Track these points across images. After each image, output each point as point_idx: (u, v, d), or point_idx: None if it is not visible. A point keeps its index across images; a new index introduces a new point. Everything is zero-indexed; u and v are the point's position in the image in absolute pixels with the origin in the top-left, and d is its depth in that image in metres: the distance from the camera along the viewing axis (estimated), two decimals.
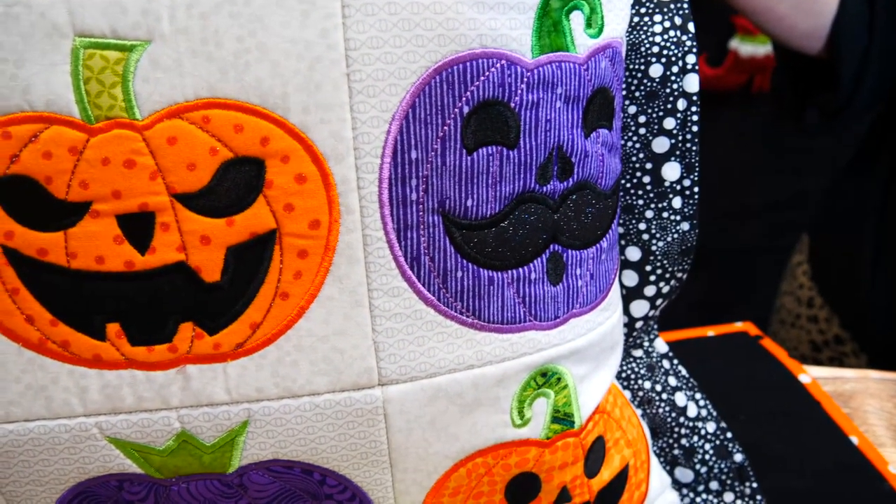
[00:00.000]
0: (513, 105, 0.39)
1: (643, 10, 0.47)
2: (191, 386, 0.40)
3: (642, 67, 0.47)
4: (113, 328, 0.39)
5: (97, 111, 0.36)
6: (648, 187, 0.49)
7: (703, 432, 0.54)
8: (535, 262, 0.42)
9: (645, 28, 0.47)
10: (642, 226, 0.50)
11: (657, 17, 0.47)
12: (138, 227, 0.38)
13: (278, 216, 0.38)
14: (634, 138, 0.49)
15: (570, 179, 0.42)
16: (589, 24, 0.41)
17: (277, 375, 0.40)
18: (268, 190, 0.38)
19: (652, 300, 0.51)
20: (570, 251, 0.43)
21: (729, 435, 0.54)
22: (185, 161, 0.37)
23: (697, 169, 0.47)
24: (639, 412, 0.54)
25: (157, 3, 0.35)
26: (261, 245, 0.38)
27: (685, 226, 0.50)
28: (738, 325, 0.75)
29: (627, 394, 0.54)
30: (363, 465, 0.43)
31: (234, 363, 0.40)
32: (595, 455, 0.48)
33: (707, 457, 0.54)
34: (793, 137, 1.68)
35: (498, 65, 0.39)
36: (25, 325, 0.39)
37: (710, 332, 0.74)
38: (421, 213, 0.39)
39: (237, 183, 0.37)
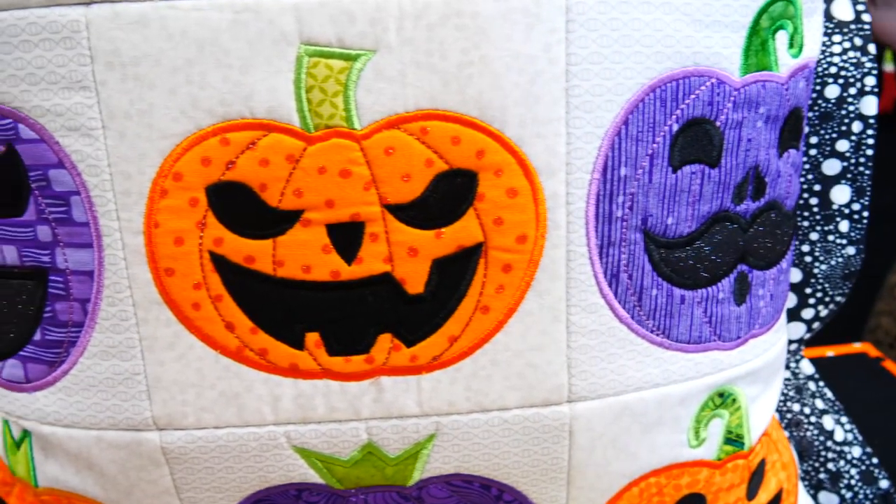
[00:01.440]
0: (718, 124, 0.39)
1: (822, 30, 0.47)
2: (383, 397, 0.40)
3: (818, 88, 0.47)
4: (312, 338, 0.39)
5: (317, 120, 0.36)
6: (815, 209, 0.49)
7: (849, 457, 0.54)
8: (724, 281, 0.42)
9: (823, 48, 0.47)
10: (805, 248, 0.50)
11: (836, 38, 0.47)
12: (347, 237, 0.37)
13: (487, 229, 0.38)
14: (804, 159, 0.49)
15: (762, 199, 0.42)
16: (791, 44, 0.41)
17: (470, 389, 0.40)
18: (479, 203, 0.37)
19: (809, 323, 0.51)
20: (755, 271, 0.43)
21: (875, 461, 0.54)
22: (401, 172, 0.37)
23: (868, 193, 0.47)
24: (786, 434, 0.54)
25: (385, 14, 0.35)
26: (466, 258, 0.38)
27: (850, 250, 0.49)
28: (857, 346, 0.74)
29: (776, 416, 0.54)
30: (541, 482, 0.42)
31: (428, 376, 0.40)
32: (757, 477, 0.48)
33: (853, 482, 0.54)
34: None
35: (708, 83, 0.38)
36: (225, 333, 0.39)
37: (830, 352, 0.73)
38: (624, 231, 0.39)
39: (449, 195, 0.37)
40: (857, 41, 0.46)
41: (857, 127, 0.47)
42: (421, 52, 0.36)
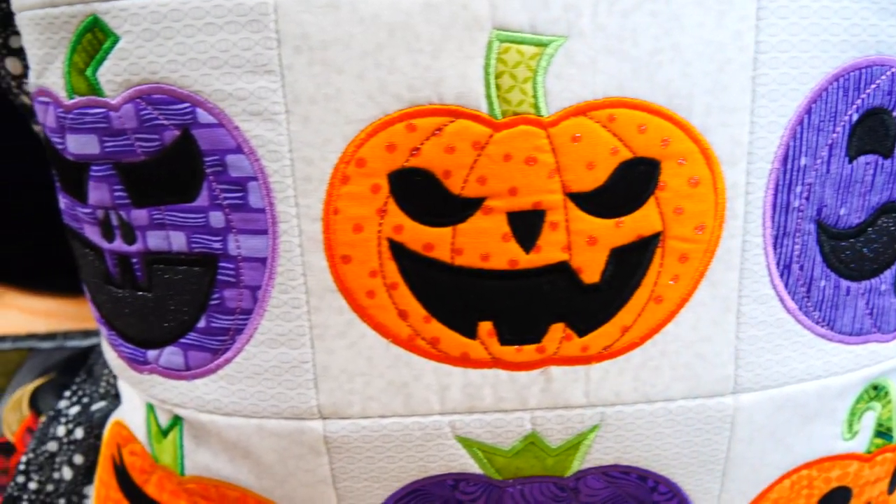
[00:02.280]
0: (895, 114, 0.39)
1: None
2: (551, 388, 0.40)
3: None
4: (485, 327, 0.38)
5: (505, 106, 0.36)
6: None
7: None
8: (886, 272, 0.42)
9: None
10: None
11: None
12: (527, 226, 0.37)
13: (666, 219, 0.37)
14: None
15: None
16: None
17: (638, 380, 0.40)
18: (660, 192, 0.37)
19: None
20: None
21: None
22: (586, 160, 0.36)
23: None
24: None
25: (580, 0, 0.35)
26: (644, 247, 0.38)
27: None
28: None
29: None
30: (698, 474, 0.42)
31: (597, 366, 0.39)
32: None
33: None
34: None
35: (888, 72, 0.38)
36: (398, 321, 0.38)
37: None
38: (799, 221, 0.39)
39: (631, 184, 0.37)
40: None
41: None
42: (613, 39, 0.35)
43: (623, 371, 0.39)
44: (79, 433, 0.54)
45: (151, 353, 0.42)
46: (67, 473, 0.54)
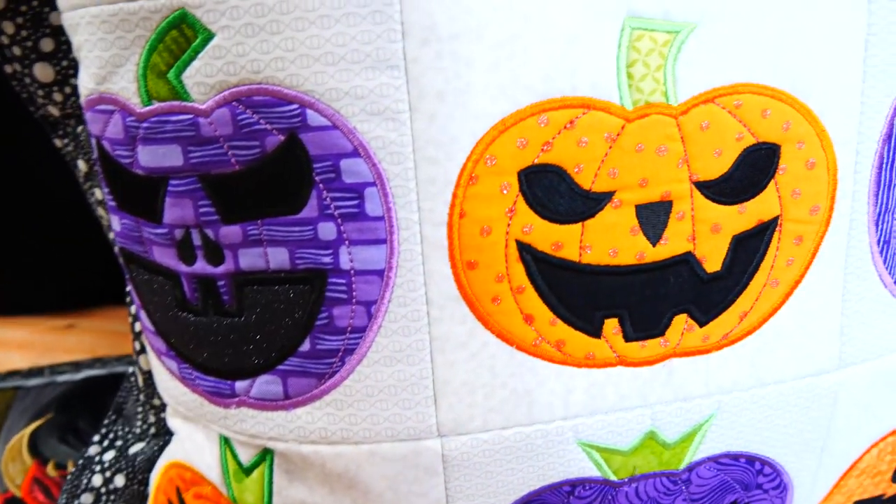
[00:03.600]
0: None
1: None
2: (672, 381, 0.39)
3: None
4: (611, 325, 0.37)
5: (637, 95, 0.34)
6: None
7: None
8: None
9: None
10: None
11: None
12: (654, 218, 0.36)
13: (784, 202, 0.37)
14: None
15: None
16: None
17: (754, 365, 0.39)
18: (779, 176, 0.37)
19: None
20: None
21: None
22: (713, 147, 0.36)
23: None
24: None
25: None
26: (762, 232, 0.38)
27: None
28: None
29: None
30: (800, 452, 0.43)
31: (716, 354, 0.39)
32: None
33: None
34: None
35: None
36: (523, 326, 0.36)
37: None
38: None
39: (754, 169, 0.36)
40: None
41: None
42: (742, 24, 0.35)
43: (740, 357, 0.39)
44: (119, 481, 0.48)
45: (241, 385, 0.38)
46: None
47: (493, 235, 0.35)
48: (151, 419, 0.49)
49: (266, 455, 0.40)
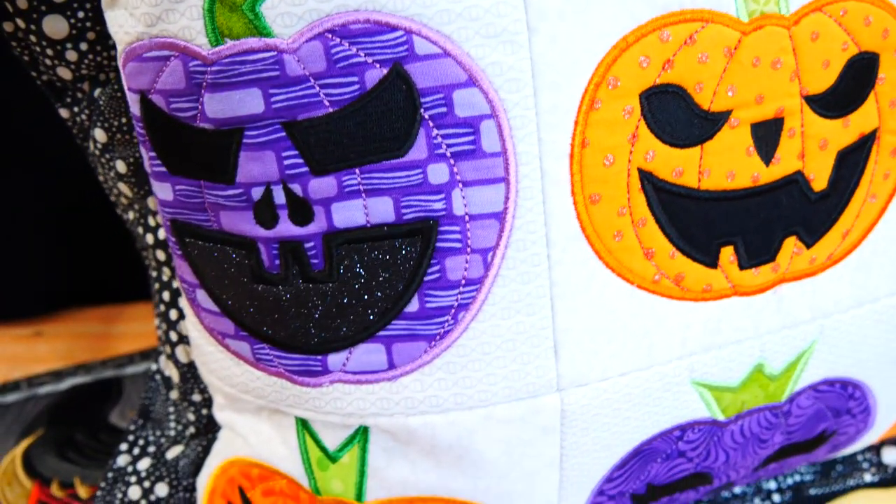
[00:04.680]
0: None
1: None
2: (782, 308, 0.37)
3: None
4: (726, 253, 0.35)
5: (753, 6, 0.32)
6: None
7: None
8: None
9: None
10: None
11: None
12: (768, 136, 0.34)
13: (882, 113, 0.36)
14: None
15: None
16: None
17: (853, 284, 0.38)
18: (878, 86, 0.36)
19: None
20: None
21: None
22: (822, 59, 0.34)
23: None
24: None
25: None
26: (863, 146, 0.36)
27: None
28: None
29: None
30: (887, 370, 0.42)
31: (821, 276, 0.38)
32: None
33: None
34: None
35: None
36: (644, 262, 0.34)
37: None
38: None
39: (856, 80, 0.35)
40: None
41: None
42: None
43: (841, 277, 0.38)
44: (161, 490, 0.43)
45: (335, 359, 0.34)
46: None
47: (616, 165, 0.32)
48: (190, 418, 0.43)
49: (359, 435, 0.36)
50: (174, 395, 0.44)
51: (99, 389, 0.54)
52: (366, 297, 0.33)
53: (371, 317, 0.33)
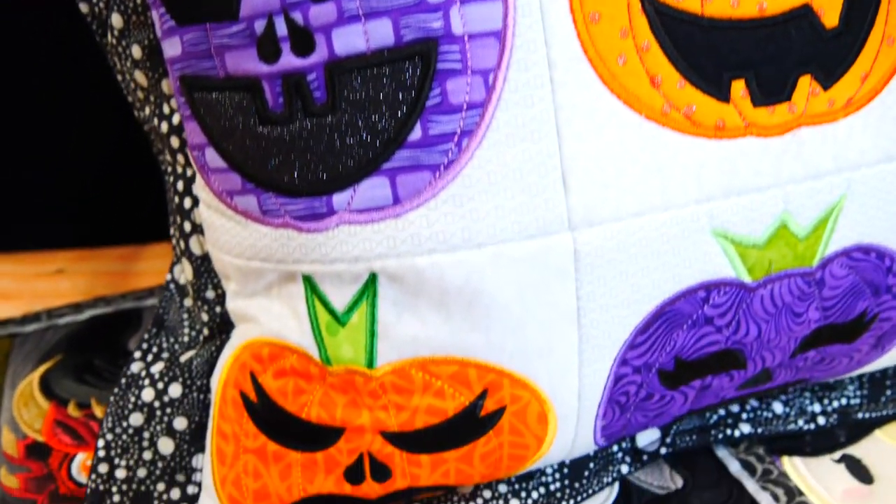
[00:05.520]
0: None
1: None
2: (803, 154, 0.36)
3: None
4: (738, 87, 0.34)
5: None
6: None
7: None
8: None
9: None
10: None
11: None
12: None
13: None
14: None
15: None
16: None
17: (878, 135, 0.37)
18: None
19: None
20: None
21: None
22: None
23: None
24: None
25: None
26: None
27: None
28: None
29: None
30: None
31: (843, 122, 0.36)
32: None
33: None
34: None
35: None
36: (651, 90, 0.33)
37: None
38: None
39: None
40: None
41: None
42: None
43: (865, 126, 0.37)
44: (174, 390, 0.42)
45: (339, 198, 0.33)
46: (166, 446, 0.42)
47: None
48: (203, 318, 0.43)
49: (367, 290, 0.35)
50: (188, 302, 0.44)
51: (120, 320, 0.54)
52: (368, 127, 0.33)
53: (375, 146, 0.33)
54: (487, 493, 0.44)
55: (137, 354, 0.44)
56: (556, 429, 0.38)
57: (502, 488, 0.44)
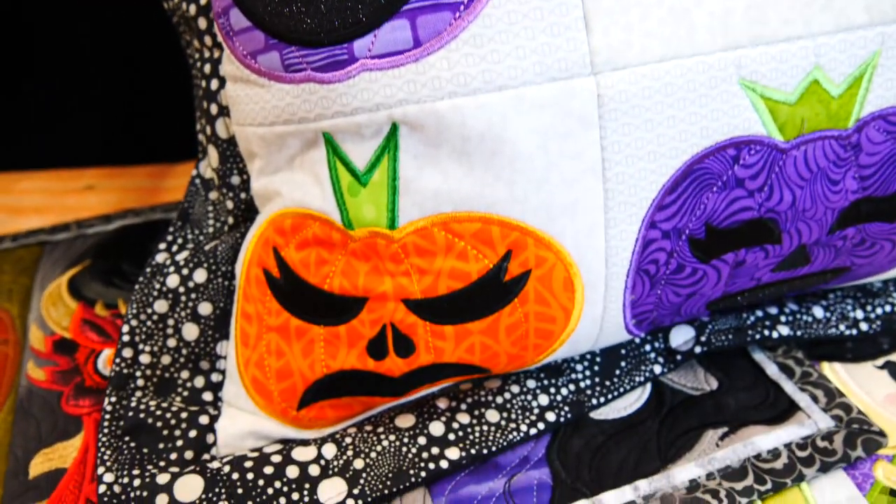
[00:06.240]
0: None
1: None
2: (833, 4, 0.35)
3: None
4: None
5: None
6: None
7: None
8: None
9: None
10: None
11: None
12: None
13: None
14: None
15: None
16: None
17: None
18: None
19: None
20: None
21: None
22: None
23: None
24: None
25: None
26: None
27: None
28: None
29: None
30: None
31: None
32: None
33: None
34: None
35: None
36: None
37: None
38: None
39: None
40: None
41: None
42: None
43: None
44: (200, 276, 0.42)
45: (360, 44, 0.33)
46: (191, 332, 0.41)
47: None
48: (229, 206, 0.43)
49: (389, 143, 0.35)
50: (213, 195, 0.44)
51: (147, 229, 0.55)
52: None
53: None
54: (515, 388, 0.43)
55: (162, 246, 0.44)
56: (584, 299, 0.37)
57: (531, 384, 0.43)
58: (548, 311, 0.37)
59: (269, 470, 0.38)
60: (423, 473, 0.39)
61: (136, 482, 0.38)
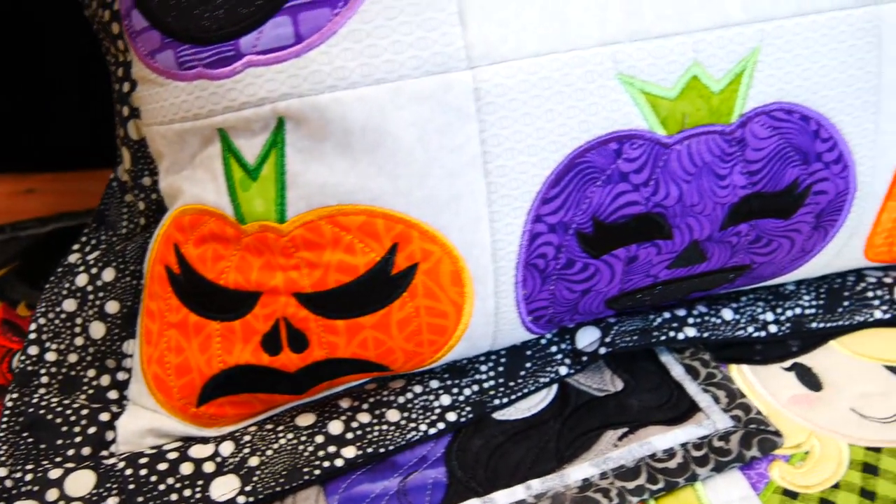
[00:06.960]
0: None
1: None
2: (709, 1, 0.36)
3: None
4: None
5: None
6: None
7: None
8: None
9: None
10: None
11: None
12: None
13: None
14: None
15: None
16: None
17: None
18: None
19: None
20: None
21: None
22: None
23: None
24: None
25: None
26: None
27: None
28: None
29: None
30: (853, 107, 0.39)
31: None
32: None
33: None
34: None
35: None
36: None
37: None
38: None
39: None
40: None
41: None
42: None
43: None
44: (108, 275, 0.42)
45: (246, 40, 0.34)
46: (98, 331, 0.42)
47: None
48: (141, 207, 0.44)
49: (276, 137, 0.35)
50: (128, 197, 0.45)
51: (79, 232, 0.55)
52: None
53: None
54: (419, 388, 0.43)
55: (76, 247, 0.45)
56: (474, 293, 0.38)
57: (434, 384, 0.43)
58: (438, 306, 0.38)
59: (163, 466, 0.39)
60: (317, 471, 0.39)
61: (29, 476, 0.38)
